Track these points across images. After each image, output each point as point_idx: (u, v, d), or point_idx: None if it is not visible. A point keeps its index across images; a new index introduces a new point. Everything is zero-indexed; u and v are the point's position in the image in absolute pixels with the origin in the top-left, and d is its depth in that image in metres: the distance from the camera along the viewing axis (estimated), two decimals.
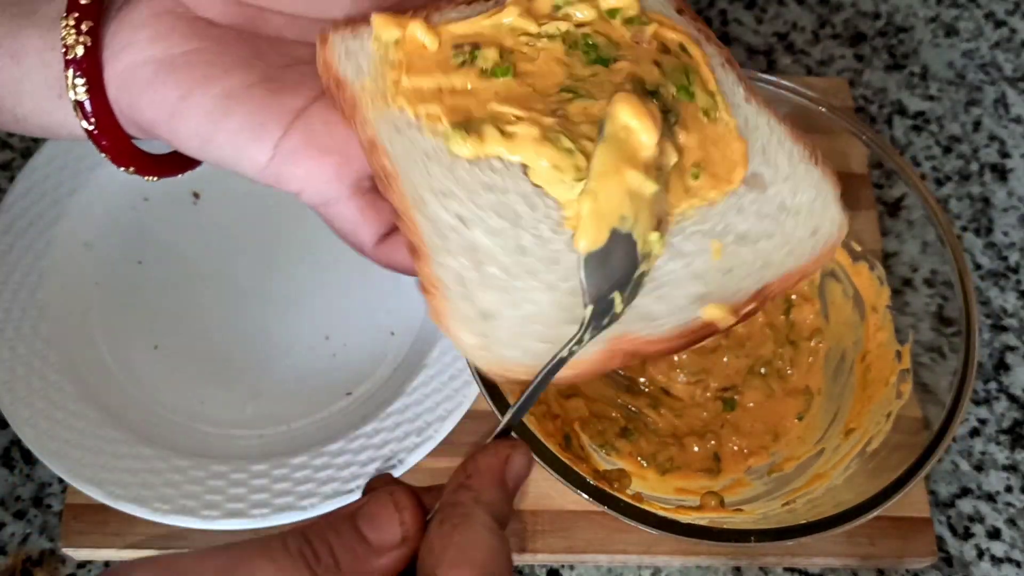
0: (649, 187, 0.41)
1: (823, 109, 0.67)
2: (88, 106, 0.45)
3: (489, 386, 0.56)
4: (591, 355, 0.44)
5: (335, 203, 0.45)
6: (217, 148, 0.45)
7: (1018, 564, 0.66)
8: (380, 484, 0.45)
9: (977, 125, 0.84)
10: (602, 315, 0.43)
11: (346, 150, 0.45)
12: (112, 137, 0.47)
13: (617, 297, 0.43)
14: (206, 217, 0.74)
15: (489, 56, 0.46)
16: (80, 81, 0.45)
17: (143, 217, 0.73)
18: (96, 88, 0.45)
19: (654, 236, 0.42)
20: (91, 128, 0.46)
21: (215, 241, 0.73)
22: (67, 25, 0.44)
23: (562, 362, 0.43)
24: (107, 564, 0.64)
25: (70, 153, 0.72)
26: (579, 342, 0.43)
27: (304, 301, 0.71)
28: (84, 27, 0.44)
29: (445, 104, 0.45)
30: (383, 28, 0.46)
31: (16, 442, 0.67)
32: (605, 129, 0.42)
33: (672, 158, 0.44)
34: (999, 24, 0.89)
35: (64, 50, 0.44)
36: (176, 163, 0.51)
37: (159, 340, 0.69)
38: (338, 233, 0.46)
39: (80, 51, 0.44)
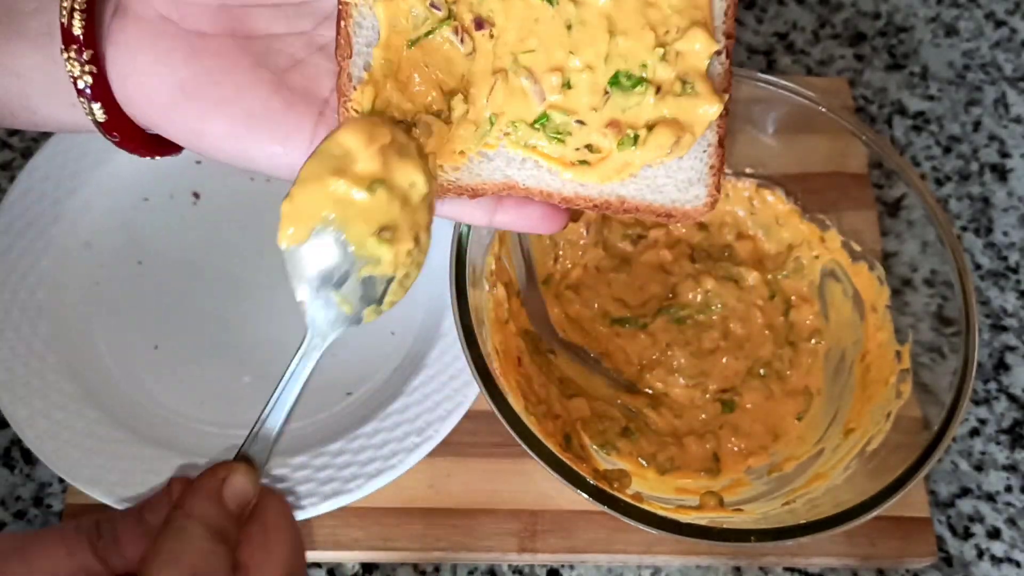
0: (359, 195, 0.44)
1: (823, 109, 0.67)
2: (108, 124, 0.47)
3: (489, 386, 0.56)
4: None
5: None
6: (248, 161, 0.48)
7: (1018, 564, 0.66)
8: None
9: (977, 125, 0.84)
10: (324, 314, 0.47)
11: None
12: (134, 142, 0.49)
13: (336, 296, 0.46)
14: (206, 217, 0.74)
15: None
16: (96, 106, 0.46)
17: (143, 217, 0.73)
18: (111, 106, 0.47)
19: (372, 241, 0.45)
20: (116, 140, 0.49)
21: (215, 241, 0.73)
22: (68, 58, 0.45)
23: (295, 378, 0.50)
24: None
25: (70, 153, 0.72)
26: (313, 348, 0.48)
27: None
28: (85, 56, 0.45)
29: None
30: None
31: (16, 442, 0.67)
32: (319, 145, 0.45)
33: (420, 187, 0.46)
34: (999, 24, 0.89)
35: (72, 80, 0.46)
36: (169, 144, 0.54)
37: (159, 340, 0.69)
38: None
39: (89, 80, 0.46)
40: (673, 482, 0.65)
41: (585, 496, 0.55)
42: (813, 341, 0.70)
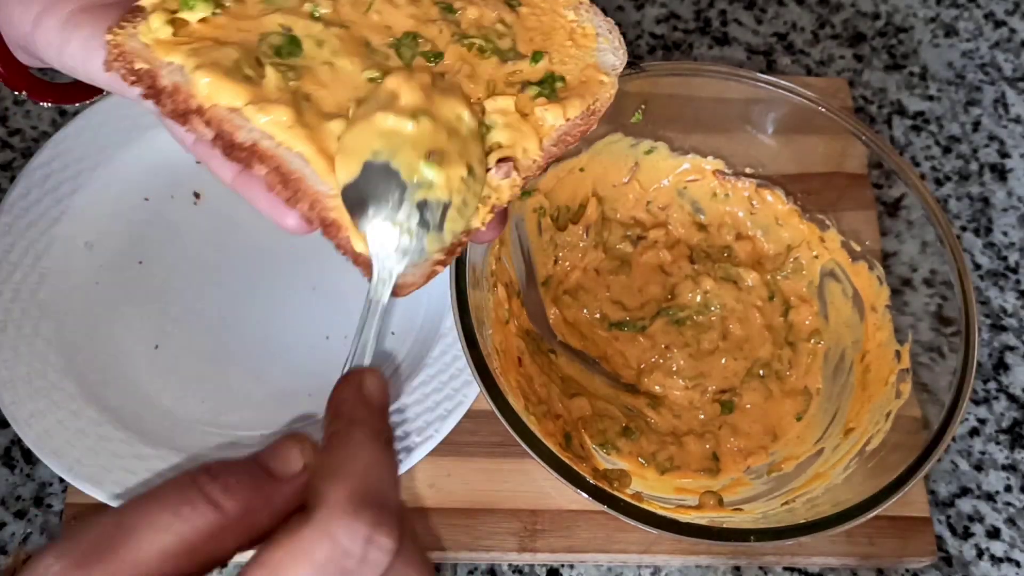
0: (404, 125, 0.46)
1: (823, 109, 0.67)
2: None
3: (489, 386, 0.57)
4: None
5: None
6: (70, 56, 0.48)
7: (1018, 564, 0.66)
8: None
9: (976, 125, 0.84)
10: (385, 242, 0.46)
11: None
12: (3, 61, 0.51)
13: (394, 224, 0.46)
14: (206, 217, 0.74)
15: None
16: None
17: (143, 217, 0.74)
18: None
19: (420, 164, 0.46)
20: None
21: (215, 241, 0.73)
22: None
23: (369, 323, 0.46)
24: None
25: (70, 153, 0.72)
26: (382, 282, 0.47)
27: (304, 301, 0.71)
28: None
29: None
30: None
31: (17, 442, 0.68)
32: (367, 94, 0.47)
33: (468, 122, 0.48)
34: (999, 24, 0.89)
35: None
36: (71, 92, 0.57)
37: (159, 340, 0.69)
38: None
39: None
40: (673, 482, 0.65)
41: (585, 496, 0.55)
42: (812, 341, 0.70)
